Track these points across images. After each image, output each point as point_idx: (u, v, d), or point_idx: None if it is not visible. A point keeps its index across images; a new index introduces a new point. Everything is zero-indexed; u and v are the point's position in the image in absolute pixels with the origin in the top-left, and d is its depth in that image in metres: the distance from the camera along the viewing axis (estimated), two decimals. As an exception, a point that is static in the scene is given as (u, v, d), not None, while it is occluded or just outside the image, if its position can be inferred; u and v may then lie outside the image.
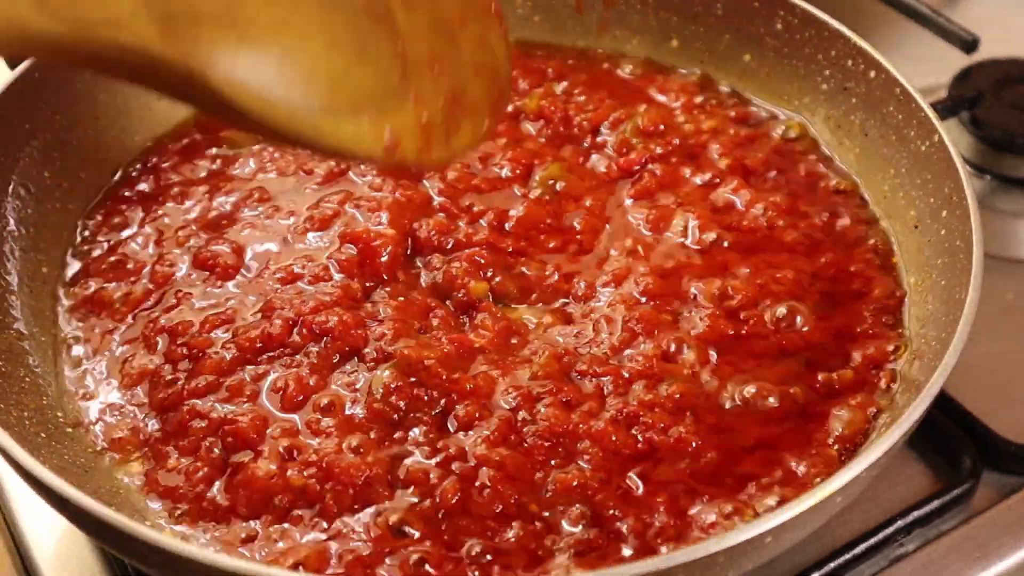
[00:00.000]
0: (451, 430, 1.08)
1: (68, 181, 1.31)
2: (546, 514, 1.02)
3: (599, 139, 1.37)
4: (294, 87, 0.86)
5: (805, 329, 1.17)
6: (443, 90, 0.99)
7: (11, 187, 1.24)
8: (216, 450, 1.07)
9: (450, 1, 1.01)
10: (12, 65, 1.30)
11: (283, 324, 1.14)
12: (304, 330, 1.14)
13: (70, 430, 1.12)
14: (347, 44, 0.90)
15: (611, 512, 1.02)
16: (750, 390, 1.11)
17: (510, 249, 1.23)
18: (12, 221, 1.24)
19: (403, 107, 0.95)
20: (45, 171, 1.29)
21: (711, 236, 1.25)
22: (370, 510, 1.03)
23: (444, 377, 1.10)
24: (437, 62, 0.98)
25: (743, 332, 1.16)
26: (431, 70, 0.98)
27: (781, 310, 1.18)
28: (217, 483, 1.05)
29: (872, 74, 1.30)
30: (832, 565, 1.12)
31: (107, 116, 1.36)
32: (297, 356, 1.13)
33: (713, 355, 1.14)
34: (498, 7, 1.06)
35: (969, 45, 1.58)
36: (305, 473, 1.04)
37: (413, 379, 1.10)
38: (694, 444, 1.07)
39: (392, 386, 1.09)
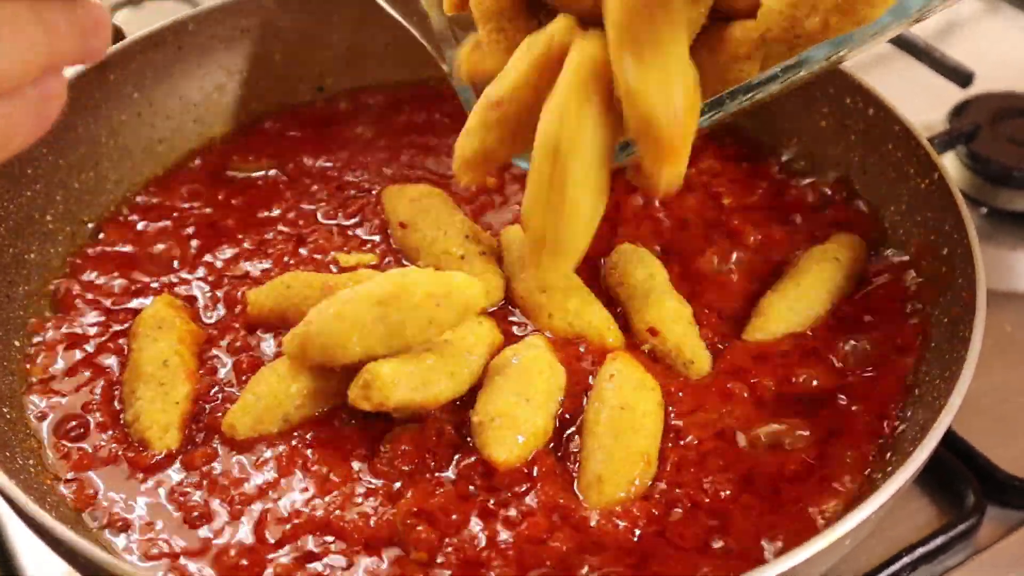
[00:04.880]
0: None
1: (71, 225, 1.31)
2: None
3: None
4: None
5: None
6: None
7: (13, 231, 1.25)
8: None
9: None
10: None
11: None
12: None
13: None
14: None
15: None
16: (764, 432, 1.11)
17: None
18: (14, 264, 1.24)
19: None
20: (47, 215, 1.29)
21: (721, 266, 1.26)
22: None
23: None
24: None
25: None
26: None
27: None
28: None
29: (871, 111, 1.31)
30: (839, 603, 1.12)
31: (109, 158, 1.36)
32: None
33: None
34: None
35: (964, 79, 1.59)
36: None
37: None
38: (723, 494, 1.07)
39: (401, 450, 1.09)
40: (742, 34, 1.03)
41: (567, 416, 1.11)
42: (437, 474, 1.07)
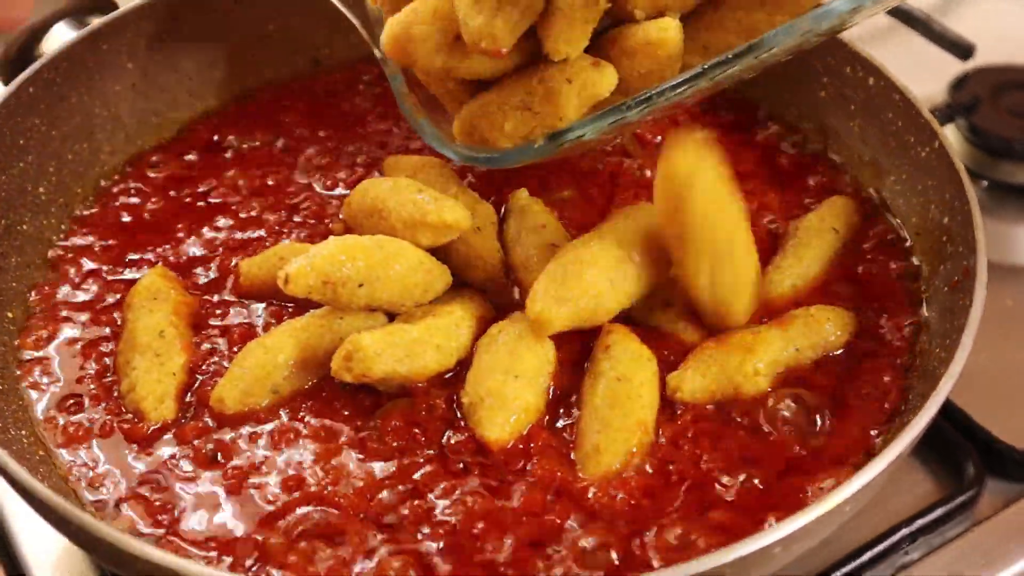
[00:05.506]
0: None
1: (64, 196, 1.30)
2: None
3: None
4: None
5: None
6: None
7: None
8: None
9: None
10: (6, 80, 1.30)
11: None
12: None
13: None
14: None
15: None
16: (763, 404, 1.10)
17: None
18: (6, 236, 1.23)
19: None
20: (40, 186, 1.28)
21: None
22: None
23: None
24: None
25: None
26: None
27: None
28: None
29: (871, 81, 1.30)
30: (838, 574, 1.11)
31: (103, 129, 1.36)
32: None
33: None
34: None
35: (965, 52, 1.58)
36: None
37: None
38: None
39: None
40: (658, 35, 1.05)
41: (560, 390, 1.11)
42: (428, 450, 1.06)
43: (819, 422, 1.09)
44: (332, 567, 0.99)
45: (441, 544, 1.00)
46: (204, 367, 1.14)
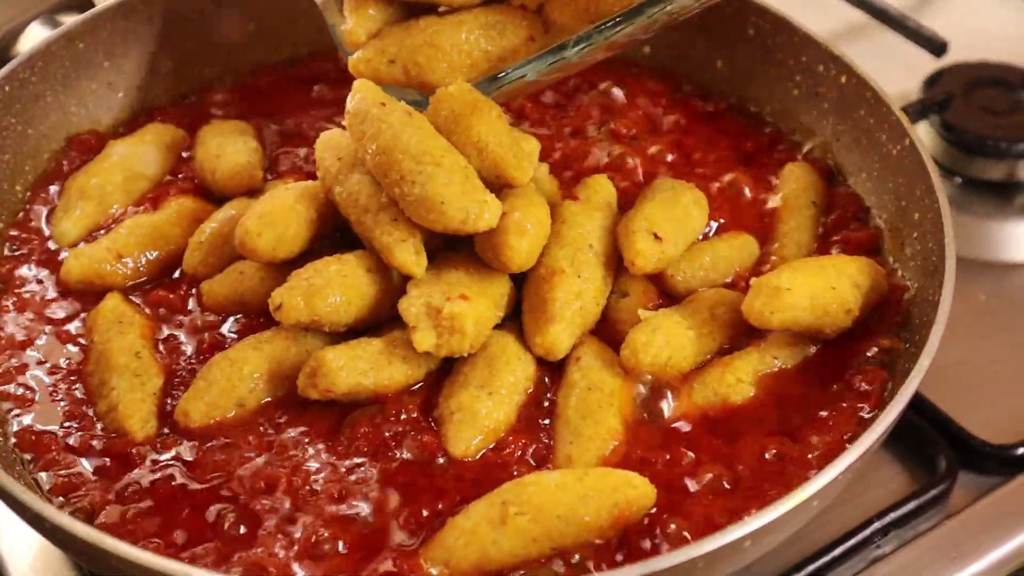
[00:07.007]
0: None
1: (44, 193, 1.30)
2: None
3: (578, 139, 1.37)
4: None
5: None
6: None
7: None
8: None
9: None
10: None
11: None
12: None
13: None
14: None
15: None
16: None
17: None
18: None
19: None
20: (17, 185, 1.28)
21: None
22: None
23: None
24: None
25: None
26: None
27: None
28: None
29: (843, 79, 1.31)
30: (810, 568, 1.12)
31: (79, 128, 1.35)
32: None
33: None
34: None
35: (939, 49, 1.59)
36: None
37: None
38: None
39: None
40: None
41: (539, 398, 1.11)
42: (398, 455, 1.06)
43: None
44: (306, 567, 0.99)
45: (413, 547, 1.00)
46: (175, 381, 1.13)
